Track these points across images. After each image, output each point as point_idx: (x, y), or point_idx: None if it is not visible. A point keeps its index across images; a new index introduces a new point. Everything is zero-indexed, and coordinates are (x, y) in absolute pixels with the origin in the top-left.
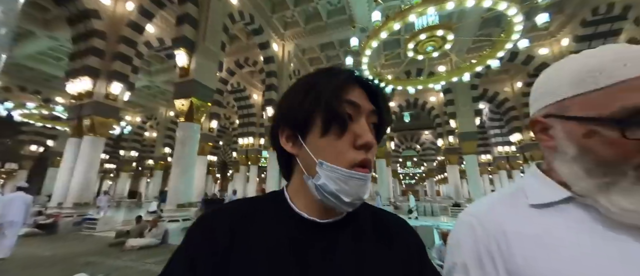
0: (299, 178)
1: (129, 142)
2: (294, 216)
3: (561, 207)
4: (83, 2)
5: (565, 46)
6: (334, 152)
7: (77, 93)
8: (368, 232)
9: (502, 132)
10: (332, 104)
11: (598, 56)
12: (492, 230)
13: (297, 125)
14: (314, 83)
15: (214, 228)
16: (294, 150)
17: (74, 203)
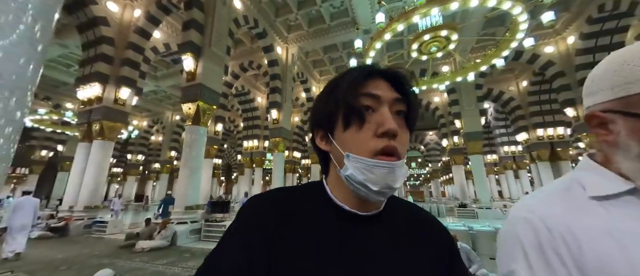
0: (335, 173)
1: (135, 146)
2: (336, 207)
3: (624, 198)
4: (92, 9)
5: (571, 44)
6: (357, 143)
7: (86, 99)
8: (403, 227)
9: (507, 131)
10: (347, 99)
11: None
12: (555, 225)
13: (324, 124)
14: (336, 84)
15: (266, 212)
16: (327, 147)
17: (85, 206)
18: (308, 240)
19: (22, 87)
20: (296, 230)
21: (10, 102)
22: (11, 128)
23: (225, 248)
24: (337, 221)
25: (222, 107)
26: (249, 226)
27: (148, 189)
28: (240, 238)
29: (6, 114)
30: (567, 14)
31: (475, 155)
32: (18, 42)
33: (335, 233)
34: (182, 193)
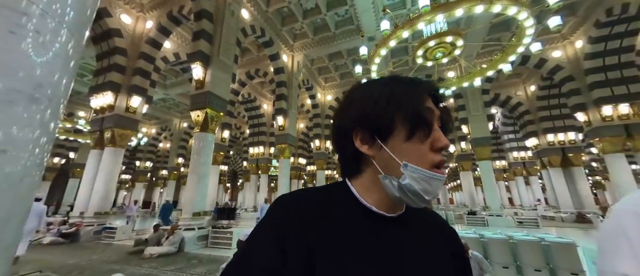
0: (372, 176)
1: (144, 153)
2: (365, 210)
3: None
4: (107, 22)
5: (579, 48)
6: (418, 154)
7: (99, 107)
8: (421, 227)
9: (516, 137)
10: (421, 112)
11: None
12: None
13: (378, 130)
14: (393, 91)
15: (301, 212)
16: (370, 152)
17: (95, 213)
18: (344, 242)
19: (56, 100)
20: (330, 231)
21: (46, 114)
22: (45, 138)
23: (259, 245)
24: (368, 222)
25: (229, 114)
26: (284, 225)
27: (155, 196)
28: (274, 237)
29: (42, 126)
30: (573, 18)
31: (483, 161)
32: (54, 58)
33: (367, 235)
34: (190, 199)
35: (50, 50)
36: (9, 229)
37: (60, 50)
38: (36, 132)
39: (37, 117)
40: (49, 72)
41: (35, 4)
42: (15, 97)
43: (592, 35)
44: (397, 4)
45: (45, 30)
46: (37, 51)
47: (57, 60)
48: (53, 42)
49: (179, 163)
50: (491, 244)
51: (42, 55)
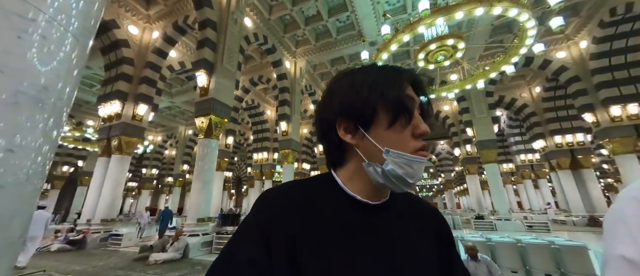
0: (356, 165)
1: (150, 160)
2: (349, 198)
3: None
4: (115, 33)
5: (584, 48)
6: (400, 140)
7: (107, 116)
8: (406, 212)
9: (523, 139)
10: (402, 100)
11: None
12: None
13: (360, 118)
14: (374, 80)
15: (283, 204)
16: (353, 141)
17: (102, 220)
18: (327, 230)
19: (59, 109)
20: (313, 221)
21: (48, 122)
22: (48, 147)
23: (244, 239)
24: (352, 211)
25: (232, 121)
26: (267, 217)
27: (161, 203)
28: (261, 229)
29: (45, 134)
30: (577, 18)
31: (490, 164)
32: (58, 68)
33: (351, 223)
34: (194, 205)
35: (55, 57)
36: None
37: (64, 60)
38: (40, 135)
39: (41, 120)
40: (54, 78)
41: (43, 11)
42: (21, 100)
43: (597, 35)
44: (398, 9)
45: (51, 37)
46: (43, 57)
47: (62, 67)
48: (58, 49)
49: (184, 170)
50: (499, 248)
51: (48, 62)
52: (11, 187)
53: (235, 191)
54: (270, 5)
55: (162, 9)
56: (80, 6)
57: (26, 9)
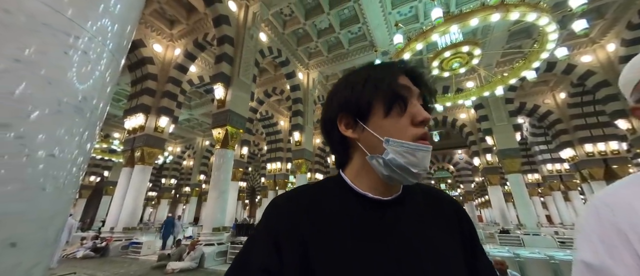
0: (360, 160)
1: (169, 170)
2: (359, 197)
3: None
4: (141, 51)
5: (612, 52)
6: (398, 129)
7: (132, 128)
8: (422, 206)
9: (549, 148)
10: (394, 87)
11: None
12: (619, 207)
13: (358, 112)
14: (367, 76)
15: (293, 209)
16: (354, 135)
17: (124, 228)
18: (340, 232)
19: (93, 122)
20: (324, 223)
21: (84, 135)
22: (82, 158)
23: (255, 246)
24: (363, 210)
25: (247, 131)
26: (278, 223)
27: (179, 212)
28: (271, 235)
29: (80, 146)
30: (602, 21)
31: (513, 174)
32: (94, 84)
33: (364, 222)
34: (210, 214)
35: (93, 74)
36: (52, 228)
37: (101, 74)
38: (76, 146)
39: (78, 132)
40: (91, 93)
41: (86, 30)
42: (63, 110)
43: (626, 37)
44: (410, 19)
45: (91, 54)
46: (83, 73)
47: (98, 83)
48: (96, 66)
49: (200, 180)
50: (529, 264)
51: (87, 78)
52: (51, 191)
53: (249, 201)
54: (284, 20)
55: (184, 27)
56: (115, 28)
57: (72, 27)
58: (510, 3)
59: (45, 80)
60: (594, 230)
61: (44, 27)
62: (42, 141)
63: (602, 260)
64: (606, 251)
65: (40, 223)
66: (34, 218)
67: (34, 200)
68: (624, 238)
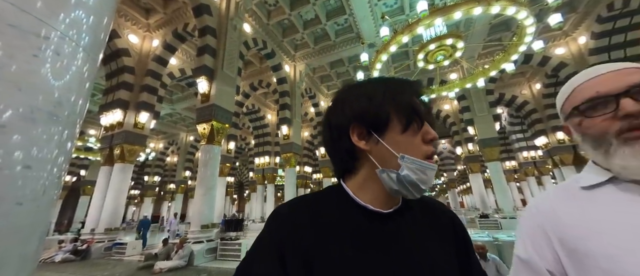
0: (367, 173)
1: (152, 167)
2: (360, 208)
3: (607, 186)
4: (116, 43)
5: (582, 44)
6: (412, 146)
7: (109, 125)
8: (420, 217)
9: (525, 136)
10: (415, 105)
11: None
12: (544, 210)
13: (374, 124)
14: (387, 87)
15: (296, 220)
16: (366, 147)
17: (105, 229)
18: (341, 244)
19: (73, 121)
20: (326, 235)
21: (63, 135)
22: (63, 158)
23: (258, 257)
24: (364, 221)
25: (234, 126)
26: (281, 234)
27: (164, 210)
28: (274, 246)
29: (59, 146)
30: (574, 14)
31: (492, 162)
32: (70, 82)
33: (366, 233)
34: (198, 212)
35: (68, 72)
36: (32, 241)
37: (77, 71)
38: (55, 147)
39: (56, 132)
40: (67, 92)
41: (56, 28)
42: (38, 116)
43: (595, 30)
44: (396, 11)
45: (64, 52)
46: (57, 72)
47: (74, 81)
48: (71, 64)
49: (186, 177)
50: (507, 247)
51: (61, 77)
52: (29, 203)
53: (238, 196)
54: (268, 10)
55: (161, 17)
56: (90, 21)
57: (41, 27)
58: None
59: (15, 87)
60: (526, 230)
61: (10, 29)
62: (16, 153)
63: (530, 255)
64: (533, 247)
65: (18, 238)
66: (11, 233)
67: (9, 215)
68: (546, 238)
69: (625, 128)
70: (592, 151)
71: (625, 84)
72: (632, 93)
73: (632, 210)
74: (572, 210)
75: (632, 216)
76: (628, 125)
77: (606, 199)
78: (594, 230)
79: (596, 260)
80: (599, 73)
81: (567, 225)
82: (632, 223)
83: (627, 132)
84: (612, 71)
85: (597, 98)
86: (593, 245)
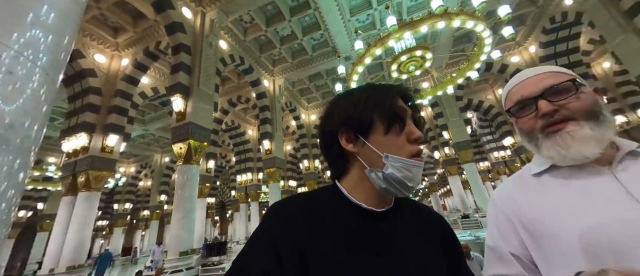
0: (358, 173)
1: (123, 194)
2: (354, 207)
3: (551, 171)
4: (79, 63)
5: (533, 53)
6: (396, 146)
7: (72, 150)
8: (410, 217)
9: (494, 137)
10: (394, 108)
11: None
12: (505, 198)
13: (360, 128)
14: (369, 94)
15: (292, 216)
16: (354, 149)
17: (68, 267)
18: (335, 240)
19: (27, 148)
20: (321, 231)
21: (14, 164)
22: (13, 191)
23: (255, 251)
24: (358, 218)
25: (213, 144)
26: (277, 230)
27: (136, 240)
28: (271, 241)
29: (9, 178)
30: (524, 27)
31: (467, 163)
32: (24, 104)
33: (358, 231)
34: (175, 238)
35: (23, 94)
36: None
37: (33, 93)
38: (4, 179)
39: (5, 165)
40: (21, 116)
41: (9, 46)
42: None
43: (542, 40)
44: (368, 26)
45: (17, 73)
46: (9, 94)
47: (30, 103)
48: (25, 85)
49: (161, 201)
50: None
51: (15, 99)
52: None
53: (220, 217)
54: (244, 27)
55: (131, 36)
56: (49, 40)
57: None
58: (452, 12)
59: None
60: (492, 219)
61: None
62: None
63: (497, 242)
64: (499, 234)
65: None
66: None
67: None
68: (511, 223)
69: (545, 125)
70: (527, 144)
71: (540, 88)
72: (546, 96)
73: (566, 190)
74: (526, 195)
75: (566, 196)
76: (546, 122)
77: (550, 183)
78: (542, 212)
79: (544, 237)
80: (524, 78)
81: (524, 210)
82: (566, 202)
83: (547, 128)
84: (531, 76)
85: (522, 101)
86: (541, 224)
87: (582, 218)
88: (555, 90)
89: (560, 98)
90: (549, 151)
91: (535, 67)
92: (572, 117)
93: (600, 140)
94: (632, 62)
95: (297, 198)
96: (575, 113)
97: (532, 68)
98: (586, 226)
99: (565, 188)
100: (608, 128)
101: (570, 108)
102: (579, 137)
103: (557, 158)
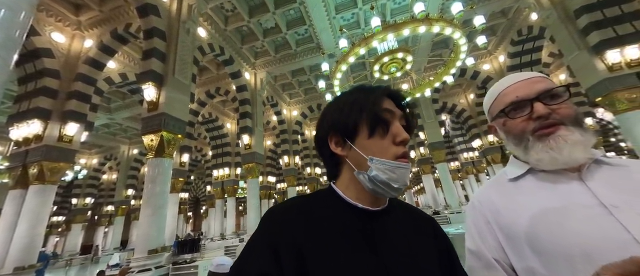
0: (349, 175)
1: (82, 187)
2: (349, 206)
3: (527, 176)
4: (33, 41)
5: (502, 62)
6: (381, 148)
7: (22, 139)
8: (404, 218)
9: (464, 139)
10: (376, 112)
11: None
12: (484, 201)
13: (346, 132)
14: (354, 99)
15: (289, 219)
16: (343, 153)
17: (15, 268)
18: (334, 238)
19: None
20: (318, 232)
21: None
22: None
23: (253, 254)
24: (354, 217)
25: (188, 136)
26: (274, 231)
27: (98, 237)
28: (269, 243)
29: None
30: (495, 37)
31: (440, 163)
32: None
33: (355, 228)
34: (144, 235)
35: None
36: None
37: None
38: None
39: None
40: None
41: None
42: None
43: (510, 51)
44: (352, 24)
45: None
46: None
47: None
48: None
49: (128, 196)
50: (456, 240)
51: None
52: None
53: (193, 213)
54: (225, 15)
55: (96, 15)
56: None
57: None
58: (433, 18)
59: None
60: (472, 222)
61: None
62: None
63: (477, 244)
64: (479, 237)
65: None
66: None
67: None
68: (489, 227)
69: (538, 127)
70: (514, 147)
71: (536, 91)
72: (541, 98)
73: (541, 195)
74: (503, 199)
75: (541, 201)
76: (540, 124)
77: (526, 187)
78: (519, 215)
79: (520, 241)
80: (517, 81)
81: (501, 214)
82: (541, 207)
83: (540, 130)
84: (524, 80)
85: (517, 102)
86: (518, 228)
87: (558, 223)
88: (550, 93)
89: (554, 102)
90: (539, 154)
91: (525, 72)
92: (562, 122)
93: (587, 146)
94: (583, 76)
95: (293, 201)
96: (565, 119)
97: (522, 72)
98: (561, 231)
99: (541, 194)
100: (592, 135)
101: (561, 114)
102: (572, 141)
103: (547, 161)
